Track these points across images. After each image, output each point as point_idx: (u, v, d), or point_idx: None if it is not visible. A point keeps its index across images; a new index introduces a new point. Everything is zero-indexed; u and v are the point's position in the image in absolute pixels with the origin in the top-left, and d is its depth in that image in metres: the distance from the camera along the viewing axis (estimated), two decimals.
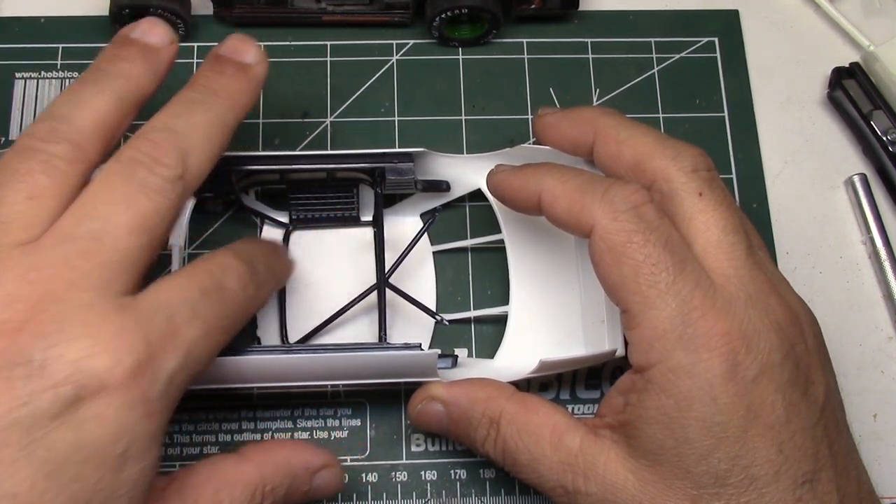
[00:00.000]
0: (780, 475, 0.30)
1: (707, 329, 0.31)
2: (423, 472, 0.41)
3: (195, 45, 0.46)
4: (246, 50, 0.35)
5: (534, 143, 0.39)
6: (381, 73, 0.47)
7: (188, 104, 0.33)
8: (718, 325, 0.31)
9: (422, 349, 0.36)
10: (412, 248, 0.41)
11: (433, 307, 0.42)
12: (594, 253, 0.33)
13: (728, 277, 0.32)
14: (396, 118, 0.46)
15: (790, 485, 0.30)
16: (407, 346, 0.37)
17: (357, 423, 0.41)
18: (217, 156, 0.33)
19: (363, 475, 0.40)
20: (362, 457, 0.41)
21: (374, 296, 0.40)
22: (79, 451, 0.26)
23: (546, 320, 0.41)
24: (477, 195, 0.43)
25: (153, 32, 0.34)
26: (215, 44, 0.46)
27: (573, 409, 0.42)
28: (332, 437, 0.41)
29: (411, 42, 0.47)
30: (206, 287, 0.31)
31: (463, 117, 0.46)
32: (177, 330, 0.29)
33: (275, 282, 0.36)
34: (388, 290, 0.40)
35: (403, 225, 0.43)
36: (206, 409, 0.41)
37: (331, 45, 0.47)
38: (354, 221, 0.43)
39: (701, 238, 0.33)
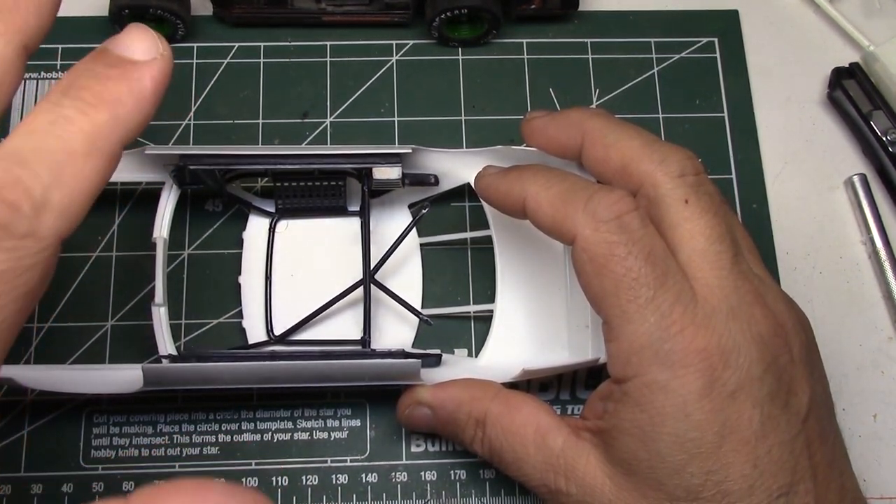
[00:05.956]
0: (755, 489, 0.30)
1: (685, 345, 0.31)
2: (423, 473, 0.41)
3: (195, 45, 0.46)
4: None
5: (524, 146, 0.39)
6: (381, 73, 0.47)
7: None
8: (697, 341, 0.31)
9: (404, 356, 0.37)
10: (399, 243, 0.41)
11: (419, 300, 0.42)
12: (576, 262, 0.33)
13: (711, 288, 0.32)
14: (396, 118, 0.46)
15: (764, 499, 0.30)
16: (389, 354, 0.37)
17: (357, 423, 0.41)
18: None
19: (363, 475, 0.40)
20: (362, 457, 0.41)
21: (360, 289, 0.40)
22: None
23: (531, 321, 0.41)
24: (468, 190, 0.43)
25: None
26: (215, 44, 0.47)
27: (572, 409, 0.42)
28: (332, 438, 0.41)
29: (411, 42, 0.47)
30: None
31: (463, 117, 0.46)
32: None
33: None
34: (373, 287, 0.40)
35: (391, 215, 0.43)
36: (206, 409, 0.41)
37: (331, 45, 0.47)
38: (341, 211, 0.42)
39: (686, 246, 0.32)
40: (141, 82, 0.24)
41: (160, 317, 0.38)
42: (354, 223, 0.42)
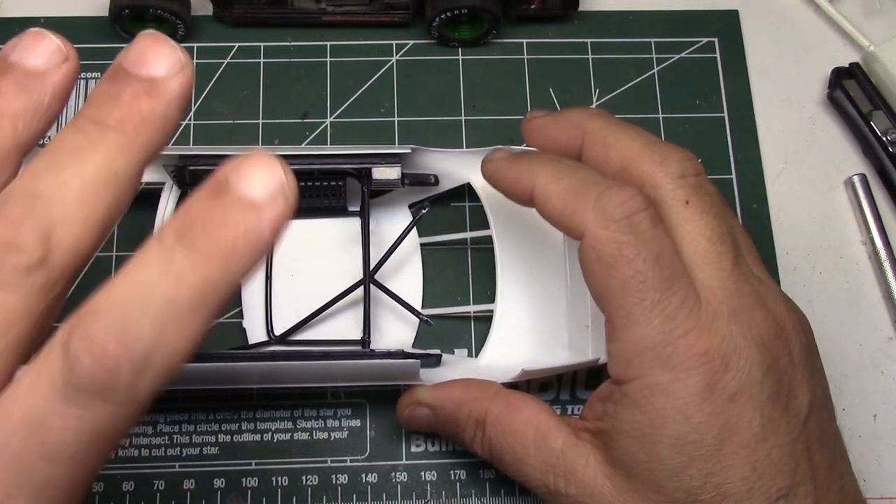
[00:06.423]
0: (754, 492, 0.30)
1: (687, 348, 0.30)
2: (423, 473, 0.41)
3: (195, 45, 0.46)
4: (154, 57, 0.23)
5: (524, 145, 0.39)
6: (380, 73, 0.47)
7: (59, 153, 0.22)
8: (699, 344, 0.31)
9: (404, 356, 0.37)
10: (399, 243, 0.41)
11: (419, 301, 0.42)
12: (583, 260, 0.32)
13: (713, 290, 0.32)
14: (396, 118, 0.46)
15: (764, 501, 0.30)
16: (389, 355, 0.37)
17: (357, 423, 0.41)
18: (107, 220, 0.22)
19: (363, 475, 0.40)
20: (362, 457, 0.41)
21: (360, 289, 0.40)
22: None
23: (531, 321, 0.41)
24: (468, 190, 0.43)
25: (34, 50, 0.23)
26: (215, 44, 0.47)
27: (572, 409, 0.42)
28: (332, 438, 0.41)
29: (411, 42, 0.47)
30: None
31: (463, 117, 0.46)
32: None
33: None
34: (373, 287, 0.40)
35: (391, 215, 0.43)
36: (206, 409, 0.41)
37: (331, 45, 0.47)
38: (341, 211, 0.42)
39: (687, 247, 0.32)
40: (260, 227, 0.21)
41: None
42: (354, 223, 0.42)
